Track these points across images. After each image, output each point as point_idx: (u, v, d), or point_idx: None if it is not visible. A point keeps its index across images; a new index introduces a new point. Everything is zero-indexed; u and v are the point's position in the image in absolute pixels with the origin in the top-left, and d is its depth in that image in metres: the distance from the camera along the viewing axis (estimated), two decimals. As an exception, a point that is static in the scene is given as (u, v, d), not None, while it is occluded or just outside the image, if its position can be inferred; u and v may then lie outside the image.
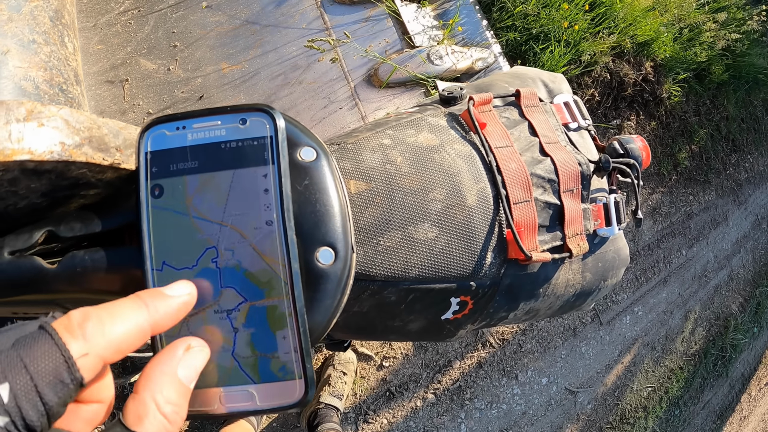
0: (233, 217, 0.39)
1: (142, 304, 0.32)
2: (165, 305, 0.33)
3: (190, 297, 0.35)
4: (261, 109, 0.41)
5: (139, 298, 0.32)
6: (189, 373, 0.32)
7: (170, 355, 0.32)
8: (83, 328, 0.28)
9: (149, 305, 0.32)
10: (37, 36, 0.64)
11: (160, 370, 0.31)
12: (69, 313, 0.29)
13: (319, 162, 0.45)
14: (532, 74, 0.79)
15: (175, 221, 0.40)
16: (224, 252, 0.39)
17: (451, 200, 0.58)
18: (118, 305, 0.31)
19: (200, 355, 0.34)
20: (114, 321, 0.29)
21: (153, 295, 0.33)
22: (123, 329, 0.29)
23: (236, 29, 1.75)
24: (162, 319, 0.33)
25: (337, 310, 0.45)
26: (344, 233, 0.44)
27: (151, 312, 0.32)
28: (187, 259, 0.39)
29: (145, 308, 0.32)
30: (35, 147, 0.39)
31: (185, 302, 0.35)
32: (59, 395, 0.26)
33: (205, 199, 0.40)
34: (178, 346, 0.33)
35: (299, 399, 0.39)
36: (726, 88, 3.24)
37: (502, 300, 0.65)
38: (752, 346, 3.71)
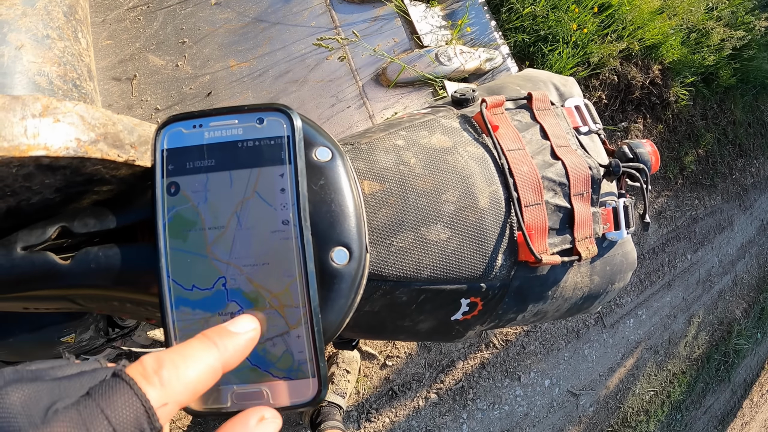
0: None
1: (211, 344, 0.32)
2: (233, 343, 0.33)
3: (255, 332, 0.35)
4: (278, 109, 0.41)
5: (207, 338, 0.32)
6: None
7: (242, 425, 0.31)
8: (160, 374, 0.28)
9: (219, 345, 0.32)
10: (51, 31, 0.64)
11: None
12: (142, 360, 0.28)
13: (335, 162, 0.45)
14: (543, 77, 0.79)
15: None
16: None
17: (463, 202, 0.58)
18: (189, 348, 0.31)
19: (272, 427, 0.33)
20: (187, 365, 0.29)
21: (221, 334, 0.33)
22: (197, 372, 0.29)
23: (245, 26, 1.75)
24: (232, 358, 0.32)
25: (350, 310, 0.45)
26: (359, 233, 0.44)
27: (222, 351, 0.32)
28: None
29: (215, 348, 0.31)
30: (51, 143, 0.39)
31: (252, 338, 0.35)
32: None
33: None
34: (251, 416, 0.32)
35: (312, 398, 0.39)
36: (733, 93, 3.22)
37: (512, 302, 0.65)
38: (755, 351, 3.69)
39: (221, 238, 0.39)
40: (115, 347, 1.11)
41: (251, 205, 0.40)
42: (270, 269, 0.39)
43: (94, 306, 0.51)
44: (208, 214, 0.40)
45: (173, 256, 0.39)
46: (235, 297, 0.39)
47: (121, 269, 0.44)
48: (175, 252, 0.39)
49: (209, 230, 0.39)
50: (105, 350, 1.09)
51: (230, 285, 0.39)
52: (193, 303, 0.39)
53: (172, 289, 0.39)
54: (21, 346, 0.84)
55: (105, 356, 1.16)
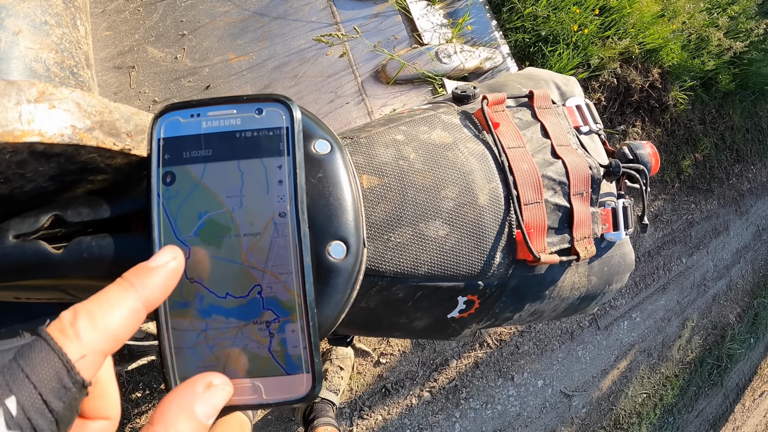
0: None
1: (128, 285, 0.30)
2: (153, 280, 0.31)
3: (176, 263, 0.34)
4: (278, 100, 0.40)
5: (124, 280, 0.31)
6: (208, 410, 0.31)
7: (189, 391, 0.31)
8: (75, 327, 0.27)
9: (136, 284, 0.31)
10: (50, 17, 0.63)
11: (177, 405, 0.30)
12: (60, 315, 0.28)
13: (334, 155, 0.45)
14: (545, 76, 0.79)
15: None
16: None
17: (463, 198, 0.58)
18: (104, 294, 0.30)
19: (222, 393, 0.33)
20: (104, 312, 0.28)
21: (138, 273, 0.31)
22: (117, 318, 0.29)
23: (245, 20, 1.74)
24: (152, 295, 0.31)
25: (346, 305, 0.44)
26: (356, 228, 0.44)
27: (140, 291, 0.30)
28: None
29: (133, 289, 0.30)
30: (45, 129, 0.38)
31: (173, 269, 0.33)
32: (64, 401, 0.26)
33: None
34: (197, 382, 0.32)
35: (306, 393, 0.38)
36: (732, 98, 3.23)
37: (509, 300, 0.64)
38: (748, 356, 3.71)
39: (258, 245, 0.39)
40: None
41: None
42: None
43: (86, 296, 0.50)
44: (243, 221, 0.39)
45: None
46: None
47: (114, 259, 0.43)
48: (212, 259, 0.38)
49: (244, 237, 0.39)
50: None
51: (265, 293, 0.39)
52: (226, 311, 0.38)
53: None
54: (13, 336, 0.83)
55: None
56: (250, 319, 0.38)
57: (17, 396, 0.24)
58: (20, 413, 0.24)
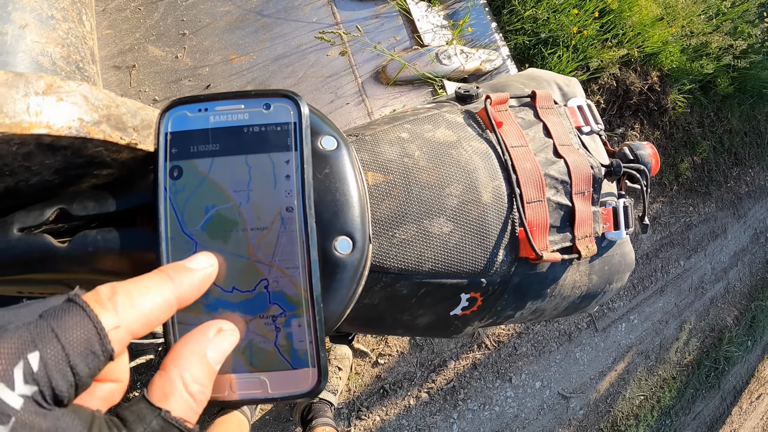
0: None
1: (167, 277, 0.32)
2: (189, 278, 0.33)
3: (212, 269, 0.36)
4: (286, 95, 0.40)
5: (163, 272, 0.32)
6: (217, 355, 0.32)
7: (201, 336, 0.32)
8: (113, 300, 0.28)
9: (174, 279, 0.32)
10: (56, 12, 0.63)
11: (190, 349, 0.31)
12: (97, 288, 0.28)
13: (340, 151, 0.45)
14: (547, 77, 0.79)
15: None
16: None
17: (466, 196, 0.58)
18: (144, 279, 0.31)
19: (230, 339, 0.34)
20: (142, 294, 0.29)
21: (177, 269, 0.33)
22: (151, 302, 0.29)
23: (245, 19, 1.74)
24: (187, 292, 0.33)
25: (351, 300, 0.44)
26: (362, 223, 0.44)
27: (177, 285, 0.32)
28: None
29: (171, 282, 0.32)
30: (53, 122, 0.38)
31: (208, 274, 0.35)
32: (90, 366, 0.26)
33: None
34: (209, 327, 0.33)
35: (311, 388, 0.38)
36: (731, 101, 3.24)
37: (511, 298, 0.65)
38: (745, 359, 3.72)
39: (265, 239, 0.39)
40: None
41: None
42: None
43: (91, 291, 0.50)
44: (251, 215, 0.39)
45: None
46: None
47: (119, 253, 0.43)
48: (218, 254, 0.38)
49: (251, 231, 0.39)
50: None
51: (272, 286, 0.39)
52: (232, 305, 0.38)
53: None
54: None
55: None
56: (256, 313, 0.38)
57: (41, 352, 0.24)
58: (41, 370, 0.24)
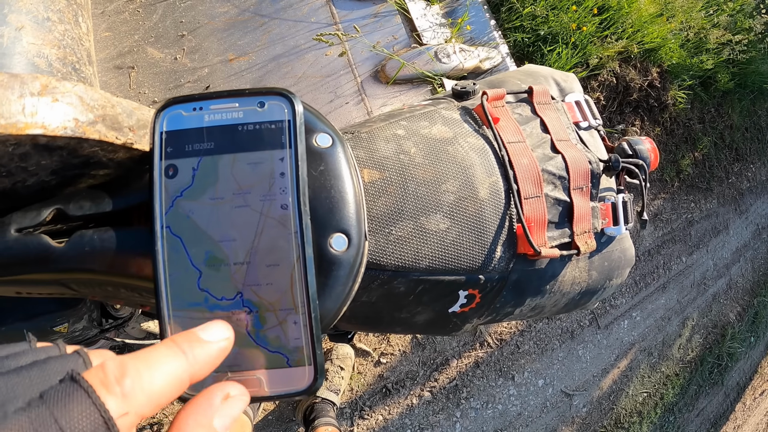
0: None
1: (179, 351, 0.29)
2: (204, 353, 0.30)
3: (228, 342, 0.32)
4: (279, 93, 0.40)
5: (176, 344, 0.30)
6: (226, 421, 0.30)
7: (207, 404, 0.30)
8: (122, 384, 0.25)
9: (187, 353, 0.29)
10: (52, 14, 0.63)
11: (195, 420, 0.29)
12: (103, 365, 0.26)
13: (335, 149, 0.45)
14: (544, 72, 0.79)
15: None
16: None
17: (463, 192, 0.58)
18: (154, 354, 0.28)
19: (239, 404, 0.31)
20: (152, 373, 0.27)
21: (190, 341, 0.30)
22: (162, 383, 0.27)
23: (244, 20, 1.74)
24: (201, 369, 0.30)
25: (348, 298, 0.44)
26: (358, 220, 0.44)
27: (190, 360, 0.29)
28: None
29: (183, 357, 0.29)
30: (48, 122, 0.38)
31: (224, 348, 0.32)
32: None
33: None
34: (215, 394, 0.31)
35: (308, 386, 0.38)
36: (731, 97, 3.24)
37: (509, 295, 0.64)
38: (748, 355, 3.71)
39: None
40: (108, 338, 1.10)
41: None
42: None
43: (88, 291, 0.50)
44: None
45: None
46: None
47: (116, 253, 0.43)
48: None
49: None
50: (98, 341, 1.08)
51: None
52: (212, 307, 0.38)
53: (168, 277, 0.38)
54: (13, 334, 0.83)
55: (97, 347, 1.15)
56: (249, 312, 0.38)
57: None
58: None
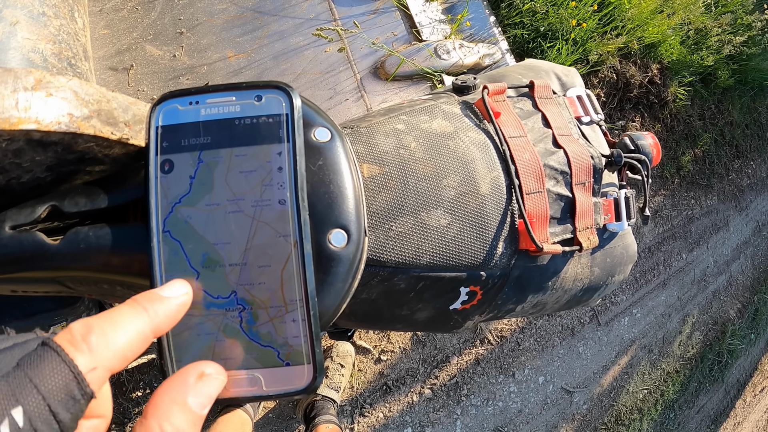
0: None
1: (141, 309, 0.31)
2: (164, 308, 0.32)
3: (187, 297, 0.35)
4: (277, 86, 0.40)
5: (137, 303, 0.31)
6: (201, 400, 0.31)
7: (180, 382, 0.31)
8: (87, 340, 0.27)
9: (149, 309, 0.31)
10: (47, 9, 0.62)
11: (170, 397, 0.30)
12: (70, 327, 0.28)
13: (334, 143, 0.44)
14: (545, 67, 0.78)
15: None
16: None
17: (464, 187, 0.57)
18: (117, 313, 0.30)
19: (215, 383, 0.32)
20: (116, 330, 0.29)
21: (151, 299, 0.32)
22: (126, 337, 0.29)
23: (243, 17, 1.73)
24: (162, 323, 0.32)
25: (347, 294, 0.44)
26: (357, 216, 0.43)
27: (151, 316, 0.31)
28: None
29: (145, 313, 0.31)
30: (42, 117, 0.37)
31: (183, 303, 0.34)
32: (71, 411, 0.26)
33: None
34: (189, 372, 0.32)
35: (307, 385, 0.37)
36: (731, 94, 3.23)
37: (511, 292, 0.64)
38: (749, 352, 3.71)
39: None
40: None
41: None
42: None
43: (84, 289, 0.50)
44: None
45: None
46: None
47: (111, 250, 0.43)
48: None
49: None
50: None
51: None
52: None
53: (166, 277, 0.38)
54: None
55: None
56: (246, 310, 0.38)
57: (24, 406, 0.24)
58: (27, 424, 0.24)
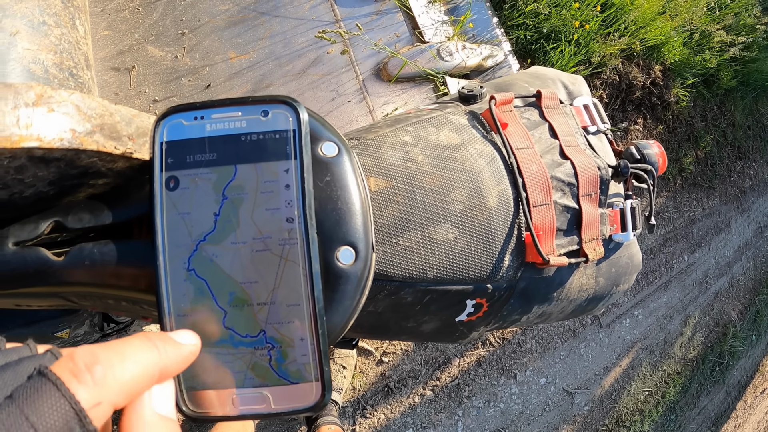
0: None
1: (152, 345, 0.29)
2: (175, 352, 0.31)
3: (196, 348, 0.33)
4: (284, 101, 0.39)
5: (148, 338, 0.30)
6: (167, 405, 0.30)
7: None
8: (92, 371, 0.25)
9: (159, 348, 0.29)
10: (48, 18, 0.62)
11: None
12: (73, 354, 0.26)
13: (341, 158, 0.44)
14: (551, 75, 0.78)
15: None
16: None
17: (472, 201, 0.57)
18: (126, 344, 0.28)
19: (167, 384, 0.31)
20: (124, 362, 0.27)
21: (163, 339, 0.31)
22: (134, 371, 0.27)
23: (245, 18, 1.73)
24: (171, 365, 0.30)
25: (355, 311, 0.43)
26: (365, 232, 0.43)
27: (162, 355, 0.29)
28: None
29: (156, 350, 0.29)
30: (44, 134, 0.37)
31: (192, 353, 0.33)
32: None
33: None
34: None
35: (315, 402, 0.37)
36: (734, 95, 3.22)
37: (517, 303, 0.63)
38: (750, 353, 3.71)
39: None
40: (109, 342, 1.09)
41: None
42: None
43: (89, 304, 0.49)
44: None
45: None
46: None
47: (116, 266, 0.42)
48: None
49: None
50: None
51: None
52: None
53: (171, 293, 0.37)
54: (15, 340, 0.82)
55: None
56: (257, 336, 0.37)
57: None
58: None
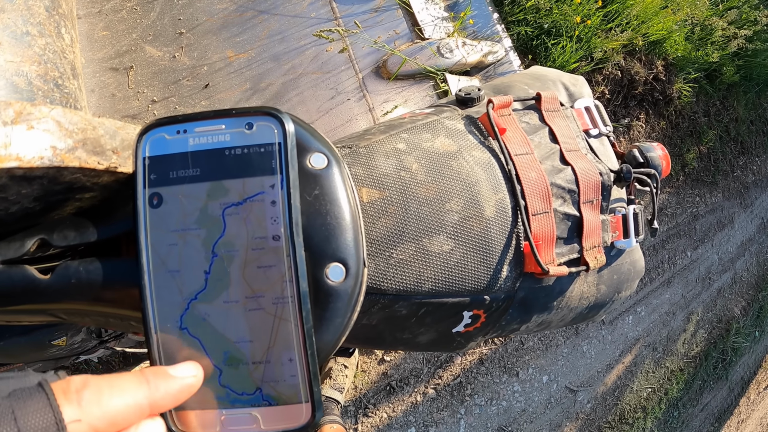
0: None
1: (144, 381, 0.31)
2: (167, 386, 0.32)
3: (195, 380, 0.34)
4: (269, 113, 0.38)
5: (142, 375, 0.32)
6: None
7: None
8: (80, 394, 0.28)
9: (151, 383, 0.31)
10: (32, 27, 0.60)
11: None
12: (69, 378, 0.29)
13: (331, 170, 0.42)
14: (552, 76, 0.76)
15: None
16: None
17: (468, 211, 0.55)
18: (119, 378, 0.30)
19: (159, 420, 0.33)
20: (112, 393, 0.29)
21: (156, 374, 0.32)
22: (120, 403, 0.29)
23: (243, 16, 1.71)
24: (161, 399, 0.32)
25: (346, 329, 0.42)
26: (356, 248, 0.41)
27: (152, 390, 0.31)
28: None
29: (146, 385, 0.31)
30: (24, 153, 0.35)
31: (189, 384, 0.34)
32: None
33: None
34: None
35: (305, 423, 0.36)
36: (736, 90, 3.19)
37: (516, 313, 0.62)
38: (753, 349, 3.70)
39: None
40: (108, 347, 1.09)
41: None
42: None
43: (77, 320, 0.48)
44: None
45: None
46: None
47: (102, 285, 0.41)
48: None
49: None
50: (97, 351, 1.07)
51: None
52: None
53: (156, 310, 0.36)
54: (12, 349, 0.82)
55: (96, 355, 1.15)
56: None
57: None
58: None
